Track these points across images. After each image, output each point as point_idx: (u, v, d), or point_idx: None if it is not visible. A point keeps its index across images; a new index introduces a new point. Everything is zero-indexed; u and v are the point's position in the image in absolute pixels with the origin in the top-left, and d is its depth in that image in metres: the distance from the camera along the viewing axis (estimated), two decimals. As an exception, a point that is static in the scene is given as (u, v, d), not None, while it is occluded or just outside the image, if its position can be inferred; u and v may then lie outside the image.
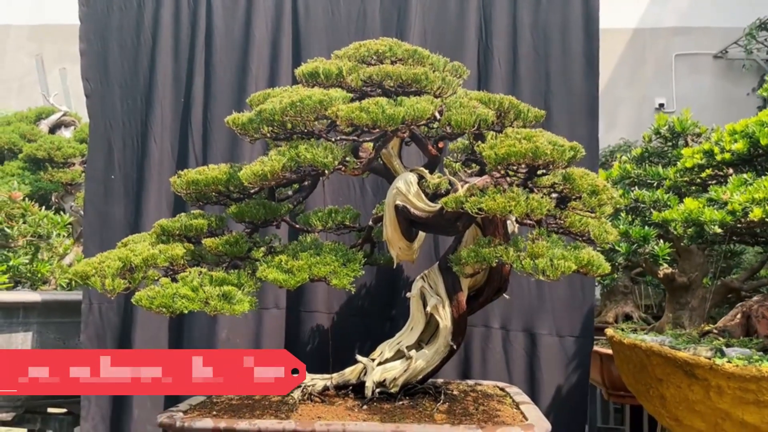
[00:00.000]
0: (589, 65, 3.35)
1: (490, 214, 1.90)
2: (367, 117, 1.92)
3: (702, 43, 8.16)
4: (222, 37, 3.44)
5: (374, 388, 2.37)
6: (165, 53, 3.45)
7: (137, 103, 3.46)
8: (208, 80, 3.43)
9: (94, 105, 3.47)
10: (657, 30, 8.27)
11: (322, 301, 3.29)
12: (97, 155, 3.45)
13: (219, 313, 1.93)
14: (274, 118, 2.05)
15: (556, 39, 3.39)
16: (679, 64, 8.20)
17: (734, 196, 2.38)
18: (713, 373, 2.37)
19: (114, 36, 3.50)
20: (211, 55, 3.46)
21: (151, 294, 1.94)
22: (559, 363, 3.28)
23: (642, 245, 3.51)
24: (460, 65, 2.32)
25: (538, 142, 1.90)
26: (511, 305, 3.30)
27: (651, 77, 8.24)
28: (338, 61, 2.20)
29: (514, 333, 3.29)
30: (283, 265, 2.00)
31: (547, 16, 3.40)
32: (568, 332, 3.29)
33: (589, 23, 3.36)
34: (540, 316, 3.30)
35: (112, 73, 3.48)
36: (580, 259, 1.89)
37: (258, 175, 1.99)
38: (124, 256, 2.07)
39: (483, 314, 3.29)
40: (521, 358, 3.28)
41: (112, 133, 3.45)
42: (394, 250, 2.45)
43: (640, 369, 2.68)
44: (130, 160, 3.43)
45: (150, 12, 3.49)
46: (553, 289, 3.30)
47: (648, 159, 4.17)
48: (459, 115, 2.01)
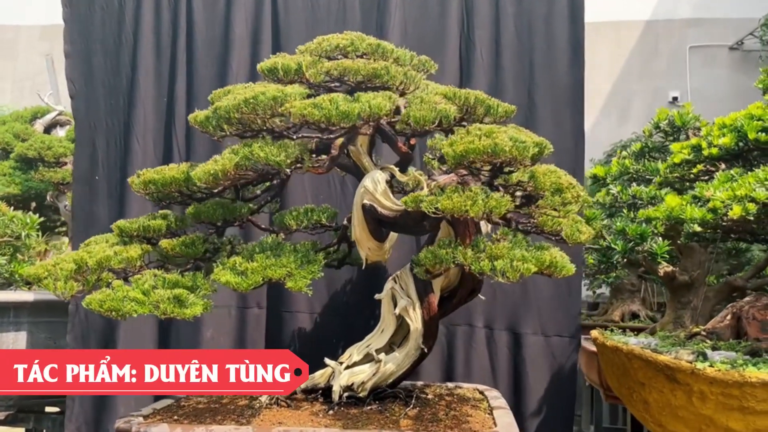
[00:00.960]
0: (575, 55, 3.24)
1: (447, 213, 1.83)
2: (320, 113, 1.85)
3: (717, 34, 7.98)
4: (203, 35, 3.41)
5: (341, 392, 2.31)
6: (147, 52, 3.42)
7: (120, 102, 3.43)
8: (190, 78, 3.39)
9: (79, 106, 3.45)
10: (671, 22, 8.10)
11: (304, 301, 3.24)
12: (82, 156, 3.43)
13: (169, 317, 1.88)
14: (230, 116, 1.99)
15: (540, 29, 3.29)
16: (694, 56, 8.02)
17: (717, 194, 2.27)
18: (695, 378, 2.27)
19: (97, 36, 3.48)
20: (192, 53, 3.43)
21: (101, 297, 1.89)
22: (545, 363, 3.20)
23: (639, 243, 3.40)
24: (427, 59, 2.24)
25: (498, 138, 1.82)
26: (495, 304, 3.23)
27: (664, 70, 8.07)
28: (300, 57, 2.14)
29: (498, 332, 3.21)
30: (237, 267, 1.94)
31: (531, 5, 3.31)
32: (554, 332, 3.20)
33: (574, 11, 3.26)
34: (525, 316, 3.23)
35: (95, 73, 3.46)
36: (541, 261, 1.80)
37: (210, 174, 1.93)
38: (79, 258, 2.03)
39: (466, 313, 3.24)
40: (506, 358, 3.19)
41: (96, 134, 3.43)
42: (363, 251, 2.39)
43: (622, 372, 2.59)
44: (113, 160, 3.40)
45: (131, 11, 3.46)
46: (538, 288, 3.22)
47: (648, 154, 4.06)
48: (418, 112, 1.94)
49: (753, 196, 2.11)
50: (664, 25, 8.14)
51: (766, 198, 2.10)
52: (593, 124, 7.97)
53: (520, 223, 2.15)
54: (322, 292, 3.28)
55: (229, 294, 3.34)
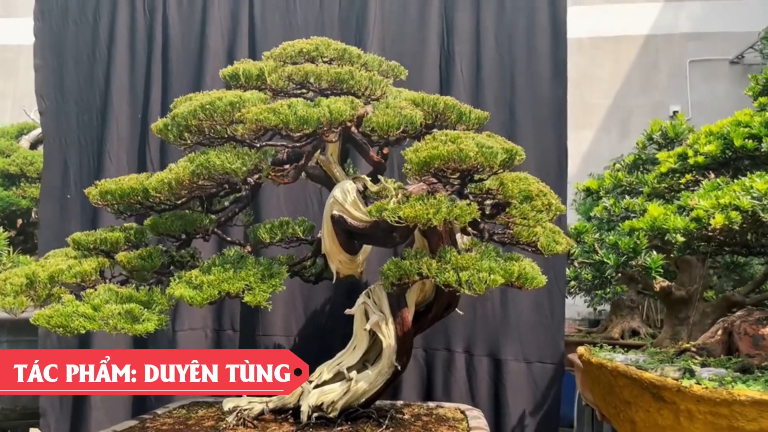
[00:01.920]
0: (557, 70, 3.16)
1: (410, 222, 1.73)
2: (276, 119, 1.77)
3: (717, 48, 7.90)
4: (178, 49, 3.34)
5: (310, 412, 2.21)
6: (121, 66, 3.35)
7: (93, 119, 3.35)
8: (165, 93, 3.32)
9: (49, 122, 3.37)
10: (670, 36, 8.04)
11: (280, 323, 3.15)
12: (52, 174, 3.34)
13: (120, 332, 1.79)
14: (188, 123, 1.91)
15: (521, 44, 3.22)
16: (694, 70, 7.94)
17: (701, 202, 2.17)
18: (681, 396, 2.15)
19: (69, 51, 3.40)
20: (168, 67, 3.35)
21: (49, 313, 1.80)
22: (526, 391, 3.10)
23: (633, 257, 3.30)
24: (396, 65, 2.16)
25: (463, 144, 1.73)
26: (474, 328, 3.15)
27: (665, 84, 7.99)
28: (263, 63, 2.06)
29: (478, 358, 3.11)
30: (192, 280, 1.85)
31: (512, 19, 3.24)
32: (536, 358, 3.11)
33: (556, 26, 3.19)
34: (505, 341, 3.13)
35: (67, 88, 3.38)
36: (509, 272, 1.71)
37: (165, 183, 1.85)
38: (31, 272, 1.94)
39: (445, 337, 3.17)
40: (485, 385, 3.09)
41: (67, 151, 3.35)
42: (334, 264, 2.29)
43: (608, 391, 2.47)
44: (86, 177, 3.30)
45: (105, 25, 3.39)
46: (519, 312, 3.14)
47: (642, 166, 3.97)
48: (382, 117, 1.85)
49: (737, 205, 2.01)
50: (664, 40, 8.07)
51: (750, 206, 2.00)
52: (594, 139, 7.88)
53: (495, 233, 2.06)
54: (299, 313, 3.20)
55: (205, 315, 3.26)
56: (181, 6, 3.41)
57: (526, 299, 3.19)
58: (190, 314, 3.24)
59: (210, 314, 3.29)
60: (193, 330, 3.28)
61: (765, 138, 2.29)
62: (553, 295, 3.21)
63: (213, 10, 3.36)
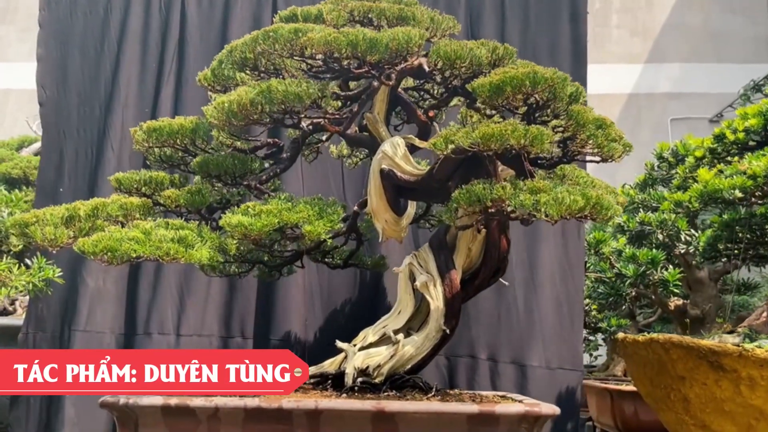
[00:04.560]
0: None
1: (484, 147, 1.67)
2: (345, 40, 1.73)
3: (697, 107, 8.20)
4: (196, 45, 3.29)
5: (355, 375, 2.06)
6: (131, 60, 3.28)
7: (95, 111, 3.26)
8: (178, 88, 3.25)
9: (48, 113, 3.26)
10: (652, 95, 8.33)
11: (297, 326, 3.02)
12: (48, 166, 3.23)
13: (174, 259, 1.67)
14: (245, 56, 1.86)
15: (544, 62, 3.28)
16: (675, 128, 8.19)
17: (754, 163, 2.16)
18: (743, 362, 2.07)
19: (76, 42, 3.33)
20: (183, 64, 3.29)
21: (96, 238, 1.68)
22: (550, 397, 3.00)
23: (650, 269, 3.27)
24: (452, 18, 2.15)
25: (537, 68, 1.70)
26: (498, 335, 3.08)
27: (648, 141, 8.19)
28: (321, 4, 2.04)
29: (503, 365, 3.02)
30: (250, 210, 1.75)
31: (535, 37, 3.31)
32: (557, 364, 3.05)
33: (576, 45, 3.28)
34: (530, 346, 3.07)
35: (70, 80, 3.29)
36: (588, 196, 1.64)
37: (224, 110, 1.77)
38: (72, 207, 1.82)
39: (468, 344, 3.09)
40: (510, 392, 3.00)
41: (64, 143, 3.23)
42: (380, 223, 2.20)
43: (658, 369, 2.37)
44: (81, 171, 3.20)
45: (117, 19, 3.34)
46: (542, 317, 3.10)
47: (651, 186, 3.99)
48: (450, 47, 1.82)
49: (796, 157, 2.00)
50: (646, 98, 8.36)
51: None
52: (580, 192, 7.96)
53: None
54: (318, 316, 3.09)
55: (212, 320, 3.10)
56: (200, 4, 3.39)
57: (547, 304, 3.15)
58: (196, 318, 3.08)
59: (216, 320, 3.14)
60: (198, 336, 3.11)
61: (807, 110, 2.31)
62: (572, 302, 3.20)
63: (235, 9, 3.35)
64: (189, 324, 3.09)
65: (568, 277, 3.22)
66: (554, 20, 3.35)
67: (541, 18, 3.36)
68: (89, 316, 3.04)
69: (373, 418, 1.78)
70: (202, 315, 3.11)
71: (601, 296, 3.49)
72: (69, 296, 3.07)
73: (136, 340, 3.05)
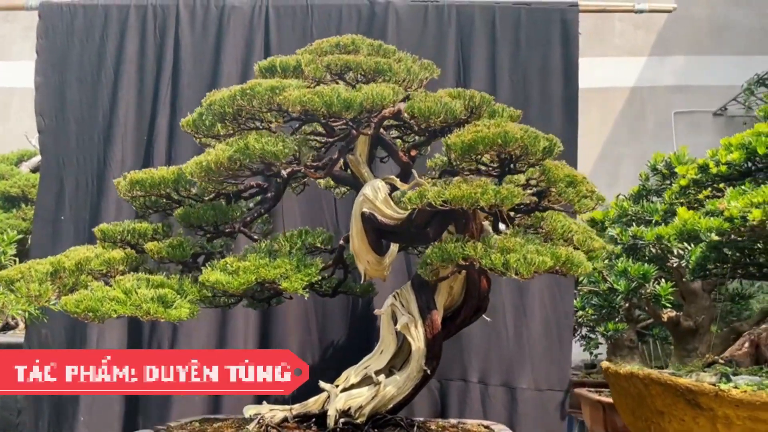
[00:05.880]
0: (569, 111, 3.28)
1: (455, 205, 1.70)
2: (320, 101, 1.75)
3: (700, 100, 8.13)
4: (189, 73, 3.31)
5: (337, 417, 2.12)
6: (129, 87, 3.31)
7: (95, 139, 3.28)
8: (173, 115, 3.27)
9: (47, 141, 3.30)
10: (655, 88, 8.26)
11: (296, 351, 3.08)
12: (47, 194, 3.26)
13: (153, 318, 1.71)
14: (224, 110, 1.89)
15: (535, 83, 3.31)
16: (679, 121, 8.14)
17: (731, 203, 2.17)
18: (719, 401, 2.11)
19: (73, 70, 3.35)
20: (177, 91, 3.32)
21: (78, 297, 1.73)
22: (539, 419, 3.14)
23: (642, 283, 3.29)
24: (430, 63, 2.17)
25: (508, 127, 1.73)
26: (489, 358, 3.18)
27: (651, 134, 8.17)
28: (300, 55, 2.06)
29: (494, 388, 3.13)
30: (228, 267, 1.79)
31: (527, 58, 3.33)
32: (546, 386, 3.16)
33: (568, 66, 3.28)
34: (520, 369, 3.17)
35: (68, 107, 3.32)
36: (557, 256, 1.67)
37: (202, 167, 1.81)
38: (56, 261, 1.87)
39: (461, 368, 3.18)
40: (500, 414, 3.06)
41: (64, 171, 3.26)
42: (362, 264, 2.24)
43: (638, 402, 2.41)
44: (83, 199, 3.24)
45: (113, 46, 3.35)
46: (531, 341, 3.20)
47: (645, 197, 4.00)
48: (423, 104, 1.84)
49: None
50: (649, 92, 8.29)
51: (786, 203, 2.00)
52: (584, 186, 7.95)
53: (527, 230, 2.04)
54: (314, 341, 3.15)
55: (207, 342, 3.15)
56: (194, 30, 3.39)
57: (537, 327, 3.22)
58: (189, 340, 3.14)
59: (213, 339, 3.19)
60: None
61: (788, 145, 2.31)
62: (561, 324, 3.27)
63: (228, 35, 3.36)
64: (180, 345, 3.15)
65: (557, 300, 3.28)
66: (546, 42, 3.37)
67: (532, 40, 3.37)
68: (99, 340, 3.11)
69: (351, 467, 1.84)
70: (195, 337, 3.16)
71: (595, 308, 3.53)
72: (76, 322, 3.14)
73: None
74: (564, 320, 3.21)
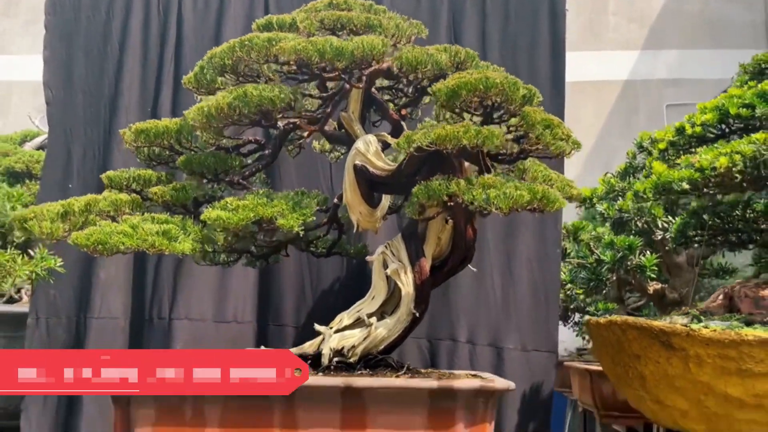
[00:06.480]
0: (556, 86, 3.41)
1: (440, 145, 1.84)
2: (313, 48, 1.89)
3: (692, 93, 8.22)
4: (191, 48, 3.45)
5: (331, 355, 2.24)
6: (133, 62, 3.45)
7: (101, 111, 3.42)
8: (176, 89, 3.41)
9: (55, 113, 3.43)
10: (648, 81, 8.39)
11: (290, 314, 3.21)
12: (54, 164, 3.39)
13: (158, 251, 1.84)
14: (224, 62, 2.02)
15: (523, 58, 3.44)
16: (671, 114, 8.26)
17: (702, 156, 2.31)
18: (690, 341, 2.23)
19: (80, 44, 3.49)
20: (180, 66, 3.45)
21: (88, 232, 1.86)
22: (524, 378, 3.22)
23: (627, 255, 3.41)
24: (418, 23, 2.31)
25: (489, 73, 1.86)
26: (477, 318, 3.27)
27: (644, 127, 8.24)
28: (295, 13, 2.19)
29: (481, 347, 3.23)
30: (228, 205, 1.92)
31: (515, 33, 3.46)
32: (532, 346, 3.24)
33: (555, 43, 3.42)
34: (507, 329, 3.26)
35: (75, 80, 3.46)
36: (534, 191, 1.81)
37: (204, 113, 1.94)
38: (67, 203, 2.00)
39: (450, 328, 3.28)
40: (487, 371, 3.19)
41: (72, 141, 3.40)
42: (355, 215, 2.37)
43: (617, 349, 2.53)
44: (90, 168, 3.36)
45: (119, 21, 3.49)
46: (518, 302, 3.29)
47: (632, 174, 4.13)
48: (411, 54, 1.98)
49: (739, 150, 2.15)
50: (642, 85, 8.41)
51: (751, 152, 2.13)
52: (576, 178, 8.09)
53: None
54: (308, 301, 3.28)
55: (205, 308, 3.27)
56: (196, 7, 3.55)
57: (524, 290, 3.33)
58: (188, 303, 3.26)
59: (211, 305, 3.31)
60: (191, 320, 3.29)
61: (759, 105, 2.45)
62: (548, 289, 3.38)
63: (228, 10, 3.50)
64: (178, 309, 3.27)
65: (544, 264, 3.40)
66: (534, 16, 3.49)
67: (521, 14, 3.50)
68: (102, 304, 3.24)
69: (342, 393, 1.96)
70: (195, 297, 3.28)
71: (583, 281, 3.65)
72: (82, 285, 3.28)
73: (143, 324, 3.27)
74: (551, 284, 3.32)
